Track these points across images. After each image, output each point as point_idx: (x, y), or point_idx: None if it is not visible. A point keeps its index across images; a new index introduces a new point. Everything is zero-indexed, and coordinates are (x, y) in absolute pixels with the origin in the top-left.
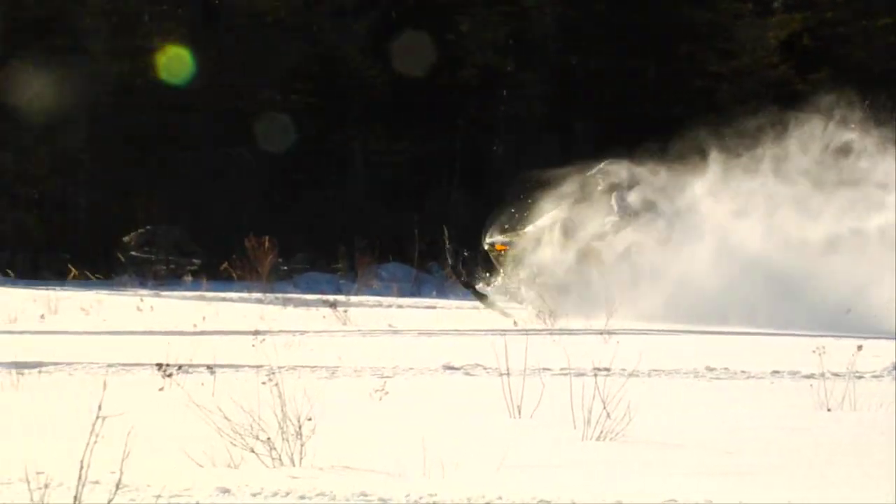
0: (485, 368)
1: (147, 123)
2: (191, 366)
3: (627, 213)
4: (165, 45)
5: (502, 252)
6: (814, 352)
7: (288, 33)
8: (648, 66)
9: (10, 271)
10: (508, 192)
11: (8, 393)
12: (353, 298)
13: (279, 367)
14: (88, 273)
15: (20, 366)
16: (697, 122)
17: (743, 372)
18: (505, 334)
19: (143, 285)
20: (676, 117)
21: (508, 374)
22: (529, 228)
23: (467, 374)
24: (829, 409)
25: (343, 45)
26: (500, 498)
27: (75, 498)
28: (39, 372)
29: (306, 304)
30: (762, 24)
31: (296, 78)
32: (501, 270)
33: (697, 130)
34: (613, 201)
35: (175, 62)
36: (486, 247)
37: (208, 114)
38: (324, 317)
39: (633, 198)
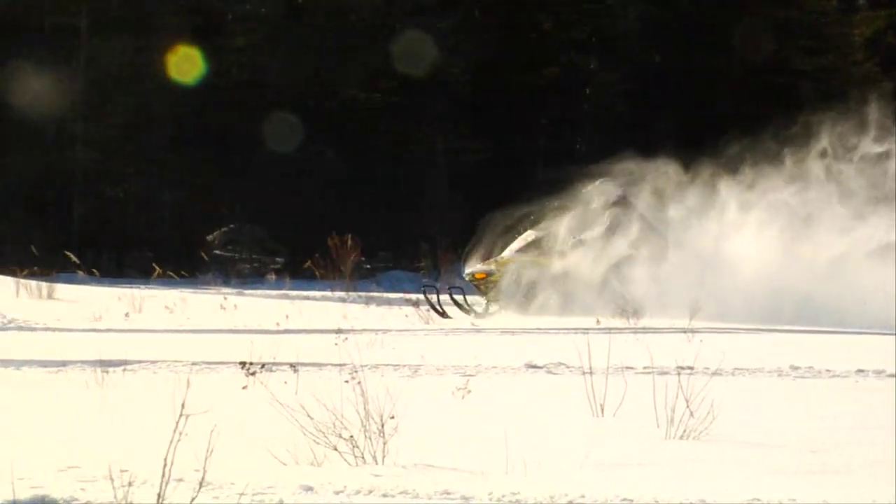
0: (567, 367)
1: (230, 122)
2: (274, 364)
3: (620, 229)
4: (176, 45)
5: (483, 280)
6: None
7: (370, 31)
8: (732, 63)
9: (95, 270)
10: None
11: (93, 391)
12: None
13: (362, 366)
14: (172, 272)
15: (105, 364)
16: (780, 121)
17: (827, 371)
18: (588, 333)
19: (226, 284)
20: (758, 115)
21: (591, 373)
22: (506, 253)
23: (550, 372)
24: None
25: (425, 43)
26: (583, 496)
27: (159, 496)
28: (124, 370)
29: (389, 302)
30: (847, 21)
31: (378, 76)
32: (485, 296)
33: (779, 129)
34: (607, 217)
35: (185, 62)
36: (466, 278)
37: (291, 112)
38: (406, 315)
39: (628, 214)
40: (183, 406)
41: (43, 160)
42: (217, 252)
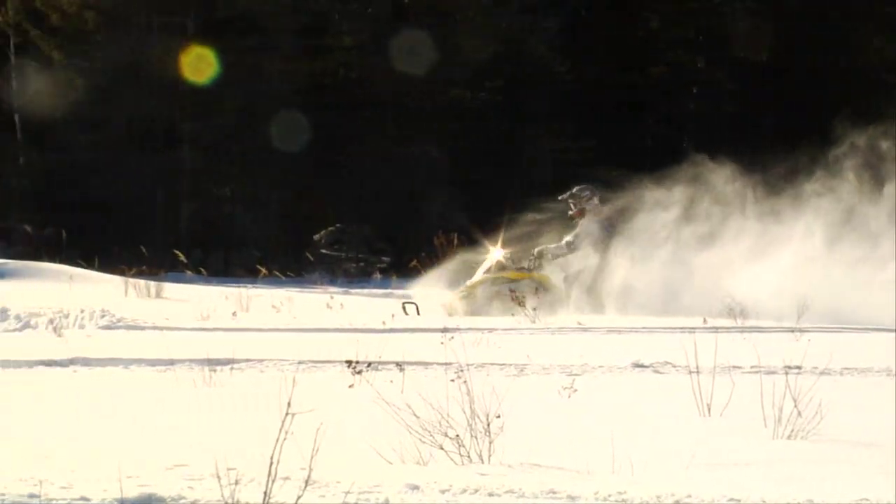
0: (674, 366)
1: (336, 122)
2: (380, 363)
3: (584, 238)
4: (190, 45)
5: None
6: None
7: (476, 31)
8: (839, 61)
9: (202, 269)
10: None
11: (200, 389)
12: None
13: (468, 365)
14: (278, 271)
15: (212, 362)
16: (889, 118)
17: None
18: (694, 332)
19: (332, 283)
20: (868, 114)
21: (698, 372)
22: (475, 277)
23: (656, 371)
24: None
25: (531, 42)
26: (690, 496)
27: (265, 494)
28: (231, 368)
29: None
30: None
31: (484, 75)
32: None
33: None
34: (580, 226)
35: (199, 62)
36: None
37: (397, 111)
38: (512, 314)
39: (599, 225)
40: (289, 405)
41: (151, 160)
42: (323, 251)
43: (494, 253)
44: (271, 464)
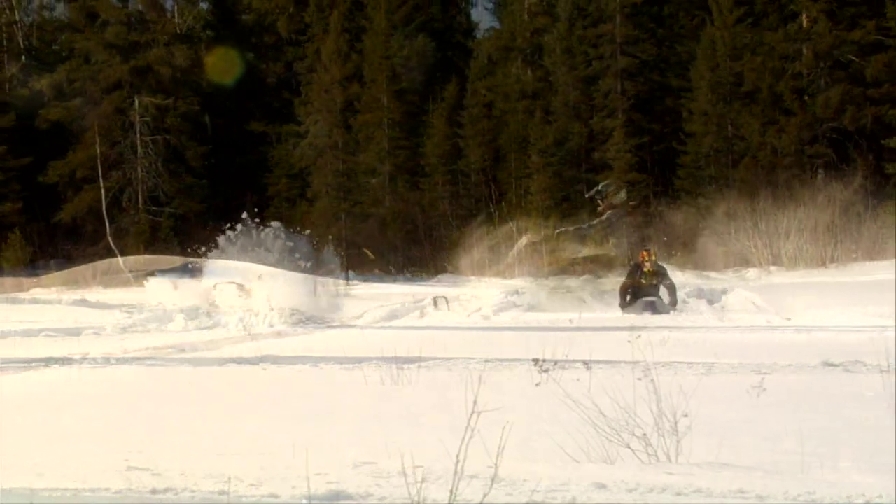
0: (865, 365)
1: (502, 130)
2: (567, 361)
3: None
4: (215, 47)
5: None
6: None
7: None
8: None
9: (391, 268)
10: None
11: (388, 387)
12: (731, 296)
13: (654, 363)
14: (466, 271)
15: (400, 360)
16: None
17: None
18: (885, 330)
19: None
20: None
21: (889, 371)
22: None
23: (847, 370)
24: None
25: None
26: (881, 496)
27: (451, 492)
28: (419, 367)
29: (684, 300)
30: None
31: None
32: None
33: None
34: (607, 217)
35: (223, 62)
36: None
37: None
38: (701, 313)
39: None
40: (475, 402)
41: (337, 164)
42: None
43: (524, 238)
44: (457, 462)
